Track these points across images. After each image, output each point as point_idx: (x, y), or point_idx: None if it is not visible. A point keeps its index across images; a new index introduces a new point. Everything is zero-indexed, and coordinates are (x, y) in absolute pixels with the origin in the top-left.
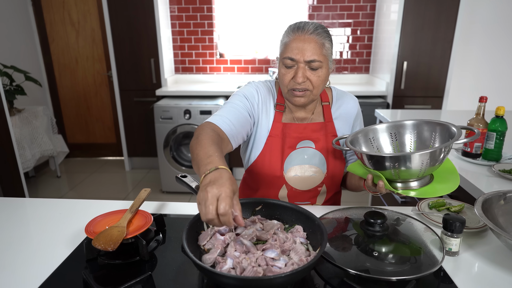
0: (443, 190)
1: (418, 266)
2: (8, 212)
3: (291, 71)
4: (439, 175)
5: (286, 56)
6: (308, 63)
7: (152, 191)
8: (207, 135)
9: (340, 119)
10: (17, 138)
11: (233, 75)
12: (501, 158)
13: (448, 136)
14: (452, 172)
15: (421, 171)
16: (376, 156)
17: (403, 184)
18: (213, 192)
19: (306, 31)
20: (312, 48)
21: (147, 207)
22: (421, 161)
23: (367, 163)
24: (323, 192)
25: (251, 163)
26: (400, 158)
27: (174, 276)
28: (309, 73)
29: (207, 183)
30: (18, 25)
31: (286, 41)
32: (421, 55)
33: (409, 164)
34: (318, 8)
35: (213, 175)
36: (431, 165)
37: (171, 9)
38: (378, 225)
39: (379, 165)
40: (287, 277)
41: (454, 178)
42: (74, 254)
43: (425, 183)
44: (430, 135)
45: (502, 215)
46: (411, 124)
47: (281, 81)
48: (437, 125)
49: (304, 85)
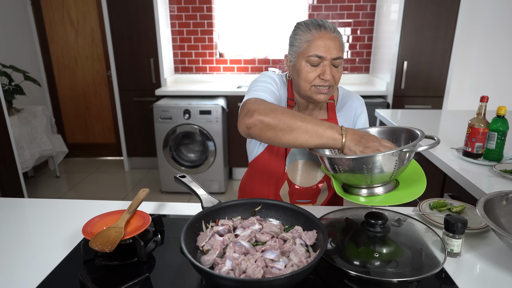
0: (405, 197)
1: (419, 267)
2: (7, 212)
3: (317, 69)
4: (404, 181)
5: (312, 54)
6: (334, 60)
7: (151, 191)
8: (281, 107)
9: (343, 117)
10: (16, 138)
11: (233, 75)
12: (503, 158)
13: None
14: (419, 178)
15: (368, 178)
16: (330, 158)
17: (368, 190)
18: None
19: (329, 29)
20: (338, 46)
21: (146, 207)
22: (363, 166)
23: (327, 165)
24: (324, 190)
25: (257, 155)
26: (343, 161)
27: (172, 277)
28: (333, 70)
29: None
30: (17, 25)
31: (310, 39)
32: (422, 55)
33: (354, 169)
34: (318, 8)
35: (354, 131)
36: (378, 171)
37: (171, 8)
38: (379, 226)
39: (331, 168)
40: (286, 279)
41: (419, 184)
42: (71, 255)
43: (390, 189)
44: (391, 140)
45: (504, 216)
46: (376, 131)
47: (304, 78)
48: (403, 131)
49: (330, 82)
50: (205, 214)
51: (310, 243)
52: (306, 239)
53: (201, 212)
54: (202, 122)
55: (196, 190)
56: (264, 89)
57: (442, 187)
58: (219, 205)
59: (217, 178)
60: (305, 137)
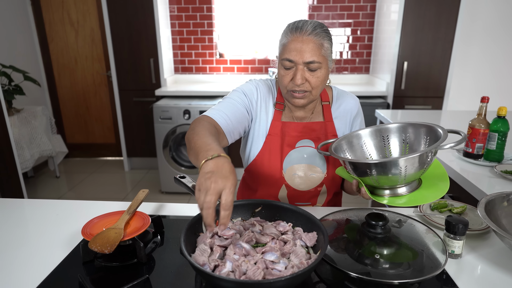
0: (432, 196)
1: (420, 269)
2: (6, 213)
3: (290, 73)
4: (427, 179)
5: (284, 58)
6: (307, 64)
7: (151, 191)
8: (204, 127)
9: (340, 119)
10: (16, 138)
11: (233, 75)
12: (503, 159)
13: (435, 138)
14: (441, 176)
15: (401, 179)
16: (355, 163)
17: (390, 191)
18: (217, 184)
19: (305, 31)
20: (311, 49)
21: (145, 208)
22: (399, 167)
23: (349, 169)
24: (323, 192)
25: (250, 162)
26: (376, 165)
27: (172, 279)
28: (308, 74)
29: (210, 171)
30: (17, 25)
31: (285, 42)
32: (422, 55)
33: (387, 171)
34: (318, 8)
35: (215, 162)
36: (412, 171)
37: (171, 8)
38: (380, 227)
39: (359, 172)
40: (287, 281)
41: (443, 182)
42: (70, 256)
43: (414, 189)
44: (416, 137)
45: (506, 217)
46: (396, 127)
47: (280, 82)
48: (422, 126)
49: (303, 86)
50: None
51: (310, 245)
52: (306, 240)
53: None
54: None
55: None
56: (225, 105)
57: None
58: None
59: None
60: (193, 157)
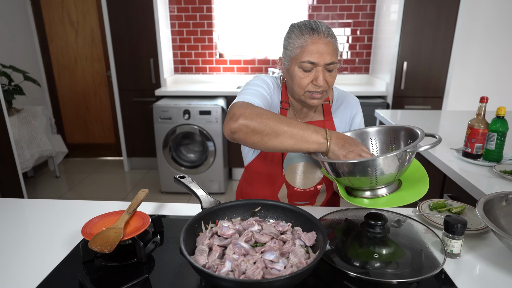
0: (410, 197)
1: (419, 268)
2: (6, 213)
3: (310, 74)
4: (407, 181)
5: (305, 60)
6: (327, 65)
7: (151, 191)
8: (270, 111)
9: (339, 118)
10: (16, 138)
11: (233, 75)
12: (502, 158)
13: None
14: (422, 178)
15: (373, 180)
16: (330, 163)
17: (371, 192)
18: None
19: (323, 34)
20: (331, 51)
21: (145, 208)
22: (367, 169)
23: (327, 169)
24: (322, 191)
25: (252, 159)
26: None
27: (171, 278)
28: (326, 75)
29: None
30: (17, 25)
31: (303, 44)
32: (421, 55)
33: (356, 172)
34: (318, 8)
35: (338, 135)
36: (385, 173)
37: (171, 9)
38: (379, 226)
39: (334, 173)
40: (286, 280)
41: (422, 184)
42: (70, 256)
43: (394, 189)
44: (389, 140)
45: (504, 217)
46: (375, 131)
47: (298, 84)
48: (402, 129)
49: (323, 87)
50: (205, 214)
51: (309, 244)
52: (305, 240)
53: (200, 213)
54: (202, 122)
55: (195, 190)
56: (254, 92)
57: (441, 188)
58: (219, 205)
59: (216, 179)
60: (291, 142)
